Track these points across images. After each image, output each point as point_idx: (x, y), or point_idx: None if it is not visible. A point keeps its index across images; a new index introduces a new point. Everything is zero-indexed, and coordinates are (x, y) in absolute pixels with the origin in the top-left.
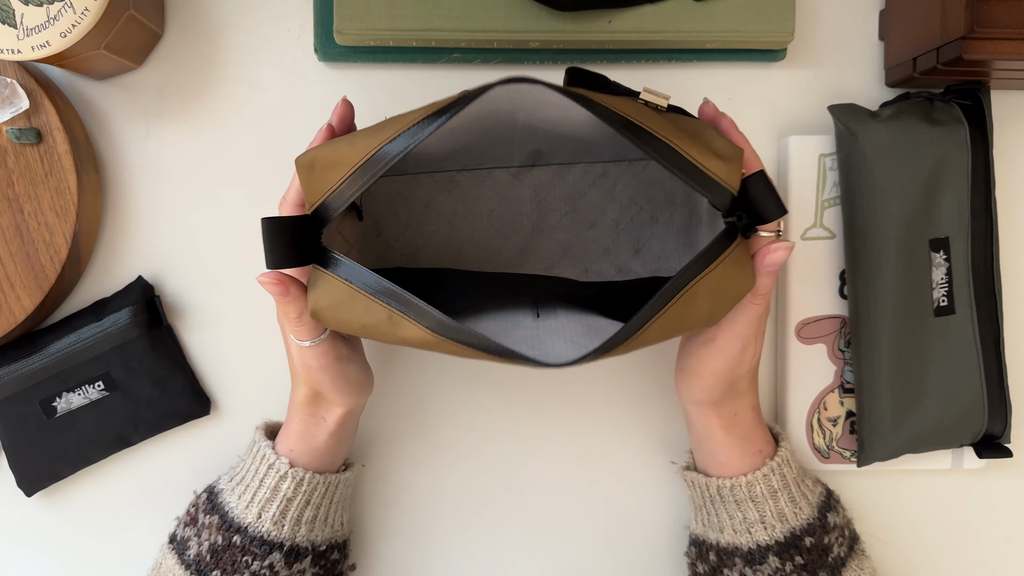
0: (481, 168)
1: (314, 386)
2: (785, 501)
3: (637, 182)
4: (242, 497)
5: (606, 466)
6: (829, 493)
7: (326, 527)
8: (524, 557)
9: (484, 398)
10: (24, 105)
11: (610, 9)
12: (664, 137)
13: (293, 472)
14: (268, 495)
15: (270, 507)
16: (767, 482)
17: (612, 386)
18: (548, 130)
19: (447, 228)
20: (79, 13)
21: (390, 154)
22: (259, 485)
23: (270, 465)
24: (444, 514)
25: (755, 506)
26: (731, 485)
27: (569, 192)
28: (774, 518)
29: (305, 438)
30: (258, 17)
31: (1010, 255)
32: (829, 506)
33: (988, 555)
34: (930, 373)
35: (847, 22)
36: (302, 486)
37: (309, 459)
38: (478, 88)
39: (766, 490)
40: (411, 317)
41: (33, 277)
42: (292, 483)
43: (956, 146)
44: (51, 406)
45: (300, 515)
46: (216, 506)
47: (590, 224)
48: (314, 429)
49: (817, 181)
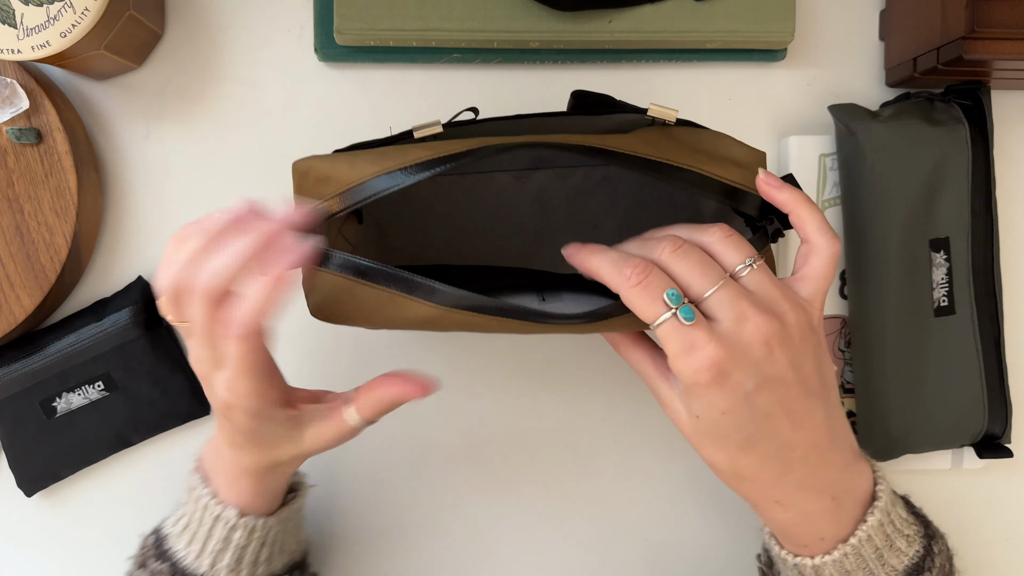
0: (484, 171)
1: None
2: None
3: (640, 184)
4: (191, 545)
5: (606, 467)
6: (927, 549)
7: (283, 555)
8: (524, 558)
9: (483, 398)
10: (24, 105)
11: (610, 9)
12: (684, 164)
13: (244, 522)
14: (219, 545)
15: (224, 556)
16: (838, 567)
17: (612, 387)
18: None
19: (449, 230)
20: (79, 13)
21: (380, 187)
22: (208, 535)
23: (216, 517)
24: (443, 515)
25: None
26: (794, 563)
27: (572, 194)
28: None
29: (260, 494)
30: (258, 17)
31: (1010, 255)
32: (922, 567)
33: (988, 555)
34: (930, 373)
35: (847, 22)
36: (255, 532)
37: (259, 506)
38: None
39: (837, 573)
40: (413, 295)
41: (33, 277)
42: (244, 532)
43: (956, 146)
44: (51, 406)
45: (256, 558)
46: (164, 553)
47: (593, 226)
48: (273, 484)
49: (817, 181)
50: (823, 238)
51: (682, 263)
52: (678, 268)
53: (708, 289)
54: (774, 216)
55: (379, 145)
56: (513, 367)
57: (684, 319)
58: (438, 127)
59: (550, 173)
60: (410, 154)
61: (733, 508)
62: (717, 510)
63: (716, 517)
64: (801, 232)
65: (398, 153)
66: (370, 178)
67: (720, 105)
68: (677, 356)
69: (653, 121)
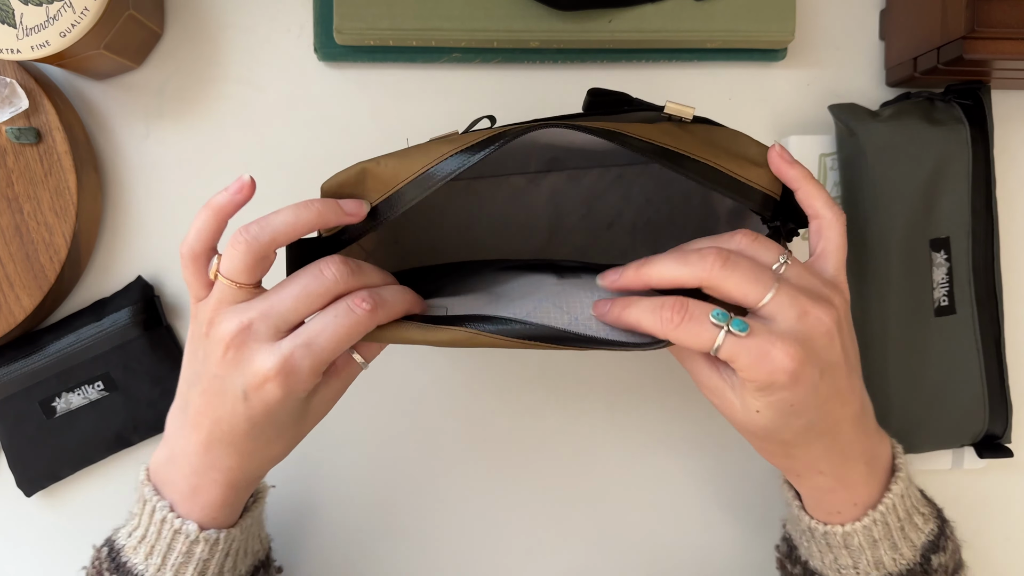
0: (497, 175)
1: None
2: (885, 549)
3: (654, 183)
4: (150, 559)
5: (607, 467)
6: (941, 529)
7: (247, 557)
8: (523, 558)
9: (483, 398)
10: (24, 105)
11: (610, 9)
12: (700, 157)
13: (205, 536)
14: (181, 559)
15: (186, 570)
16: (867, 533)
17: (613, 387)
18: (567, 146)
19: (464, 233)
20: (79, 13)
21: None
22: (168, 548)
23: (176, 531)
24: (443, 515)
25: (849, 554)
26: (824, 531)
27: (585, 195)
28: (869, 566)
29: (226, 506)
30: (258, 17)
31: (1011, 255)
32: (937, 546)
33: (988, 555)
34: (930, 373)
35: (847, 22)
36: (219, 545)
37: (224, 519)
38: (515, 130)
39: (864, 541)
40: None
41: (33, 277)
42: (207, 546)
43: (957, 146)
44: (51, 406)
45: (221, 568)
46: (120, 566)
47: (607, 226)
48: (243, 493)
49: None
50: (831, 211)
51: (735, 275)
52: (732, 282)
53: (766, 295)
54: (789, 216)
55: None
56: (514, 366)
57: (740, 332)
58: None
59: (563, 175)
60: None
61: (734, 508)
62: (719, 510)
63: (718, 517)
64: (810, 208)
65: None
66: (400, 185)
67: (720, 105)
68: (749, 367)
69: (670, 118)
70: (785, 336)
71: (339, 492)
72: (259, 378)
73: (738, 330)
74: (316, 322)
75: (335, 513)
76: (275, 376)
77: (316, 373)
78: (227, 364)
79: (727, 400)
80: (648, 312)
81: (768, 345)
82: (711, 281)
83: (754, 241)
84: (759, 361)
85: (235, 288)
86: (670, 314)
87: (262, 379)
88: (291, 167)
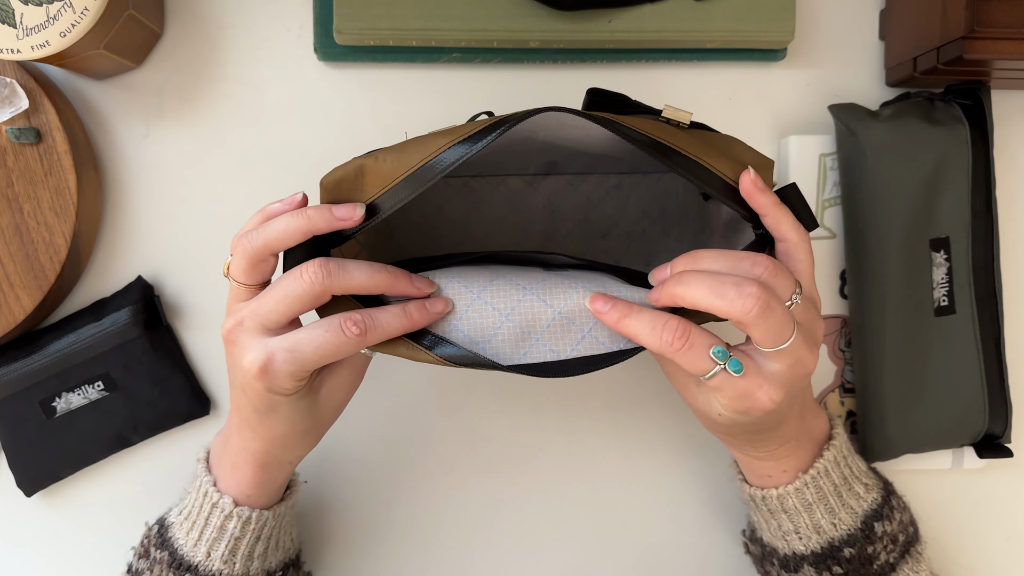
0: (496, 175)
1: (316, 424)
2: (822, 513)
3: (650, 194)
4: (190, 534)
5: (607, 467)
6: (885, 499)
7: (278, 551)
8: (524, 558)
9: (483, 400)
10: (24, 105)
11: (610, 9)
12: (694, 156)
13: (239, 511)
14: (215, 534)
15: (218, 546)
16: (800, 496)
17: (612, 388)
18: (566, 146)
19: (460, 233)
20: (79, 13)
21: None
22: (205, 523)
23: (214, 504)
24: (442, 517)
25: (788, 518)
26: (762, 496)
27: (582, 202)
28: (810, 530)
29: (261, 485)
30: (258, 17)
31: (1011, 255)
32: (880, 515)
33: (988, 555)
34: (930, 373)
35: (847, 22)
36: (250, 524)
37: (257, 498)
38: (516, 117)
39: (799, 503)
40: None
41: (33, 277)
42: (239, 522)
43: (956, 146)
44: (51, 406)
45: (251, 551)
46: (166, 541)
47: (602, 235)
48: (276, 475)
49: (817, 181)
50: (797, 233)
51: (766, 324)
52: (760, 329)
53: (780, 345)
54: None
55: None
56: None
57: (734, 372)
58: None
59: (561, 180)
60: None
61: (734, 508)
62: (718, 510)
63: (717, 517)
64: (777, 232)
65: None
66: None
67: (720, 105)
68: (730, 400)
69: (668, 122)
70: (772, 380)
71: (339, 492)
72: (246, 373)
73: (732, 370)
74: (306, 331)
75: (335, 513)
76: (256, 373)
77: (296, 378)
78: (229, 357)
79: (690, 391)
80: (648, 328)
81: (755, 388)
82: (743, 321)
83: (776, 274)
84: (741, 397)
85: (240, 288)
86: (671, 338)
87: (247, 374)
88: (291, 167)
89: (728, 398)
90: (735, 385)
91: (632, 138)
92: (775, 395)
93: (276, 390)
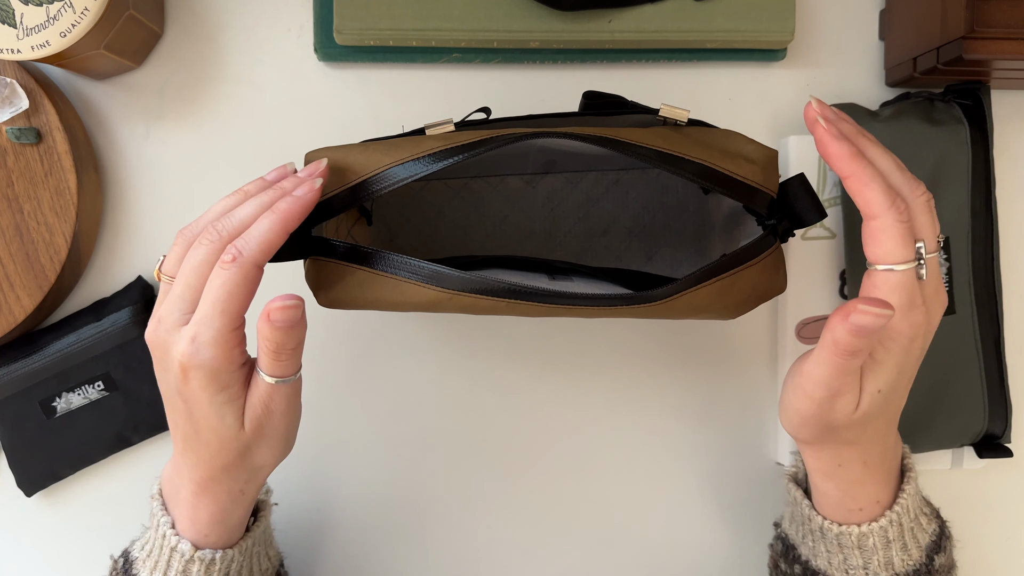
0: (495, 175)
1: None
2: (896, 550)
3: (650, 190)
4: (154, 574)
5: (607, 466)
6: (941, 530)
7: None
8: (524, 557)
9: (484, 396)
10: (24, 105)
11: (610, 9)
12: (697, 158)
13: (200, 556)
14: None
15: None
16: (882, 534)
17: (614, 385)
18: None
19: (460, 234)
20: (79, 13)
21: (396, 177)
22: (167, 566)
23: (173, 548)
24: (443, 514)
25: (861, 554)
26: (838, 532)
27: (582, 199)
28: (880, 566)
29: (218, 523)
30: (258, 17)
31: (1011, 255)
32: (939, 547)
33: (988, 555)
34: (930, 373)
35: (847, 22)
36: (215, 565)
37: (218, 537)
38: (505, 138)
39: (879, 542)
40: (416, 280)
41: (33, 277)
42: (202, 567)
43: (956, 146)
44: (51, 406)
45: None
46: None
47: (603, 231)
48: (230, 508)
49: (817, 181)
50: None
51: (928, 216)
52: (924, 220)
53: (933, 251)
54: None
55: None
56: (514, 365)
57: (922, 271)
58: (450, 126)
59: (560, 178)
60: (423, 144)
61: (734, 508)
62: (719, 510)
63: (718, 516)
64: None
65: (411, 144)
66: (384, 169)
67: (720, 105)
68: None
69: (665, 121)
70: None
71: (339, 492)
72: (180, 367)
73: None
74: (204, 294)
75: (335, 513)
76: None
77: (219, 345)
78: (157, 365)
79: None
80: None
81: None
82: (911, 201)
83: (931, 202)
84: (907, 308)
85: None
86: (904, 207)
87: (181, 367)
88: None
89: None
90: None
91: (637, 154)
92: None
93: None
